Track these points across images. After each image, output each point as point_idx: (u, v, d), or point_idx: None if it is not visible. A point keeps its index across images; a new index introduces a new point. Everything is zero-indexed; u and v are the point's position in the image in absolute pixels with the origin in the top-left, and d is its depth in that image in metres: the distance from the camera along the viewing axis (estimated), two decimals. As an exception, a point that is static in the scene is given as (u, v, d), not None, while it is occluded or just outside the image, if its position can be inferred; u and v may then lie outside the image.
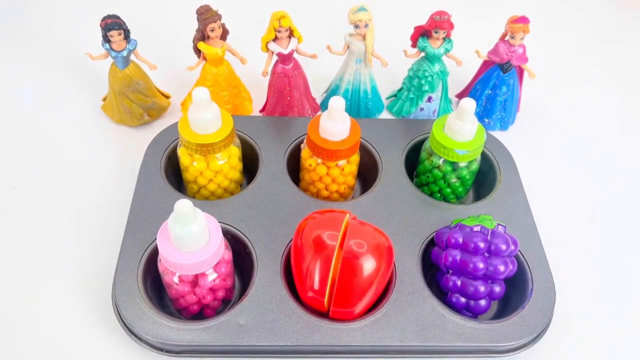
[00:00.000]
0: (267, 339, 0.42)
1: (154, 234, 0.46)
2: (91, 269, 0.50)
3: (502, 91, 0.64)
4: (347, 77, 0.64)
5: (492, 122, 0.67)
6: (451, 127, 0.51)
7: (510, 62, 0.61)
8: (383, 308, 0.45)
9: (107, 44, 0.57)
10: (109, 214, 0.55)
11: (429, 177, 0.55)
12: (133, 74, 0.60)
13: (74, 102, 0.67)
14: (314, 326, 0.43)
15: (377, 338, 0.43)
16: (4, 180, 0.58)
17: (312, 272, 0.42)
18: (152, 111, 0.64)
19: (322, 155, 0.51)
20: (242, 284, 0.50)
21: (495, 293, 0.46)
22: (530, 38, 0.60)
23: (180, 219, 0.38)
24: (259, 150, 0.56)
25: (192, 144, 0.48)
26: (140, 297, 0.44)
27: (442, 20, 0.57)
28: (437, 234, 0.49)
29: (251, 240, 0.48)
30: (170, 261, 0.40)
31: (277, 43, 0.57)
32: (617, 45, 0.83)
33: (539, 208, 0.55)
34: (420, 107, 0.65)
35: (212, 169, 0.51)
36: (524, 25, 0.58)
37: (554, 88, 0.74)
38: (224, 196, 0.54)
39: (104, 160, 0.60)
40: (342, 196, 0.55)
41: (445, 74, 0.63)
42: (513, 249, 0.45)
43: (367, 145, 0.58)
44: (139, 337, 0.43)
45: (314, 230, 0.44)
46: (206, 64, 0.60)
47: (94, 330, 0.47)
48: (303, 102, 0.63)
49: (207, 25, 0.56)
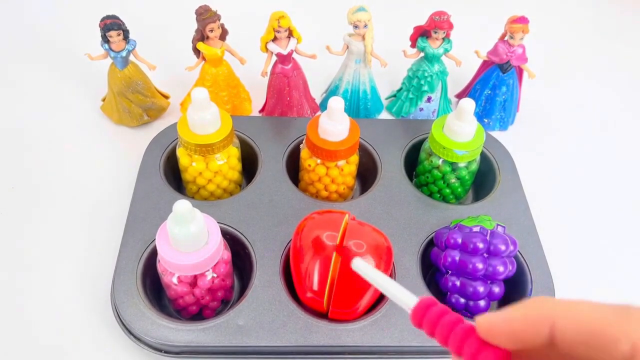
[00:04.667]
0: (266, 340, 0.42)
1: (153, 235, 0.46)
2: (90, 269, 0.50)
3: (502, 91, 0.64)
4: (346, 78, 0.64)
5: (491, 123, 0.67)
6: (450, 128, 0.51)
7: (510, 62, 0.61)
8: (382, 308, 0.45)
9: (106, 44, 0.57)
10: (108, 214, 0.55)
11: (429, 178, 0.55)
12: (132, 74, 0.60)
13: (73, 102, 0.67)
14: (313, 327, 0.43)
15: (376, 338, 0.43)
16: (3, 180, 0.58)
17: (311, 272, 0.42)
18: (151, 111, 0.64)
19: (322, 155, 0.50)
20: (241, 284, 0.50)
21: (494, 293, 0.46)
22: (530, 38, 0.60)
23: (179, 219, 0.38)
24: (258, 151, 0.56)
25: (191, 144, 0.48)
26: (139, 298, 0.44)
27: (441, 21, 0.57)
28: (436, 234, 0.49)
29: (250, 241, 0.48)
30: (169, 262, 0.40)
31: (276, 43, 0.57)
32: (618, 44, 0.83)
33: (538, 208, 0.55)
34: (419, 107, 0.65)
35: (211, 170, 0.51)
36: (523, 25, 0.58)
37: (554, 88, 0.74)
38: (223, 196, 0.54)
39: (103, 161, 0.60)
40: (341, 196, 0.55)
41: (445, 74, 0.63)
42: (512, 249, 0.45)
43: (367, 145, 0.58)
44: (138, 338, 0.43)
45: (313, 231, 0.44)
46: (205, 64, 0.60)
47: (92, 331, 0.47)
48: (302, 103, 0.63)
49: (206, 26, 0.56)
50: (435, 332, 0.22)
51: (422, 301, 0.23)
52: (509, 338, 0.21)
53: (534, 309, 0.20)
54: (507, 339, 0.21)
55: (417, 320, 0.23)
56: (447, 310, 0.22)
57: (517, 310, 0.21)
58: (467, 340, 0.21)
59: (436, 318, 0.22)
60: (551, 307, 0.20)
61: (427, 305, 0.22)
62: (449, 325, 0.21)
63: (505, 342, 0.21)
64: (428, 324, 0.22)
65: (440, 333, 0.22)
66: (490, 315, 0.21)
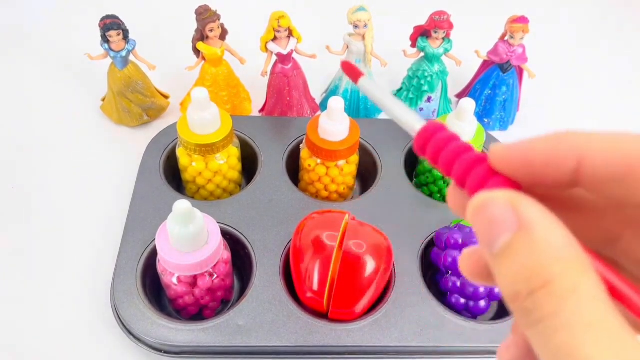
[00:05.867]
0: (266, 340, 0.42)
1: (152, 235, 0.46)
2: (90, 269, 0.50)
3: (502, 91, 0.64)
4: (346, 78, 0.64)
5: (491, 122, 0.67)
6: (451, 128, 0.50)
7: (510, 62, 0.61)
8: (382, 309, 0.45)
9: (106, 44, 0.57)
10: (108, 214, 0.55)
11: (429, 178, 0.55)
12: (132, 74, 0.60)
13: (73, 102, 0.67)
14: (313, 327, 0.43)
15: (376, 339, 0.43)
16: (3, 180, 0.58)
17: (312, 272, 0.42)
18: (151, 111, 0.64)
19: (322, 155, 0.50)
20: (241, 284, 0.50)
21: (494, 294, 0.46)
22: (530, 38, 0.60)
23: (179, 219, 0.38)
24: (258, 151, 0.56)
25: (191, 144, 0.48)
26: (139, 298, 0.44)
27: (441, 20, 0.57)
28: (436, 234, 0.49)
29: (250, 241, 0.48)
30: (168, 262, 0.40)
31: (276, 43, 0.57)
32: (618, 44, 0.83)
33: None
34: (419, 107, 0.65)
35: (211, 170, 0.51)
36: (523, 25, 0.58)
37: (554, 88, 0.74)
38: (223, 196, 0.54)
39: (103, 161, 0.60)
40: (341, 196, 0.55)
41: (445, 74, 0.63)
42: (512, 249, 0.45)
43: (367, 145, 0.57)
44: (138, 338, 0.43)
45: (313, 231, 0.44)
46: (205, 64, 0.60)
47: (92, 331, 0.47)
48: (302, 102, 0.63)
49: (206, 26, 0.56)
50: (439, 158, 0.19)
51: (429, 124, 0.20)
52: (527, 170, 0.18)
53: (560, 140, 0.17)
54: (524, 171, 0.18)
55: (420, 143, 0.20)
56: (456, 137, 0.19)
57: (541, 140, 0.18)
58: (475, 168, 0.18)
59: (443, 143, 0.19)
60: (580, 139, 0.17)
61: (434, 130, 0.20)
62: (456, 150, 0.19)
63: (521, 175, 0.18)
64: (432, 148, 0.19)
65: (444, 158, 0.19)
66: (507, 143, 0.18)
